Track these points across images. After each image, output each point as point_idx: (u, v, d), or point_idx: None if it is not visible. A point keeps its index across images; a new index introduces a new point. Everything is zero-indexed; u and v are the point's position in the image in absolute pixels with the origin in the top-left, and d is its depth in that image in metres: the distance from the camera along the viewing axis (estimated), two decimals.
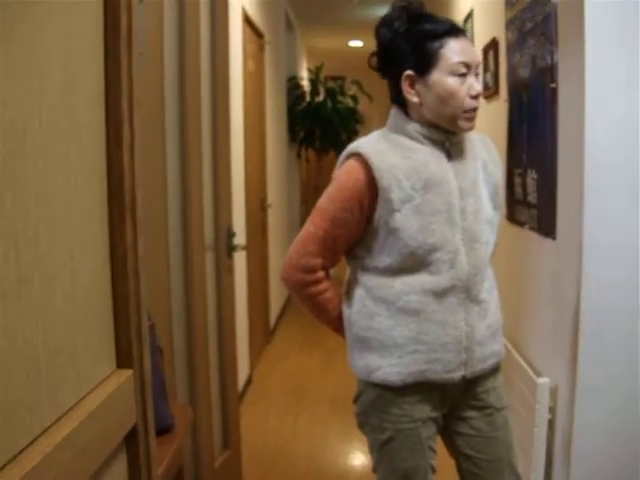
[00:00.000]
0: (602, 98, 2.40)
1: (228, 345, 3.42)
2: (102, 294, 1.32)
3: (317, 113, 9.05)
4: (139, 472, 1.41)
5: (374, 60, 2.09)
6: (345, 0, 7.94)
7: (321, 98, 9.33)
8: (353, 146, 2.05)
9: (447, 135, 2.05)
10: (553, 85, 2.74)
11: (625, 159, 2.42)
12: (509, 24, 3.45)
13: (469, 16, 4.71)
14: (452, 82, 1.96)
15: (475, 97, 2.00)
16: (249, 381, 5.18)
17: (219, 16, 3.24)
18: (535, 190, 3.02)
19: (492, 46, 3.88)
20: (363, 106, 9.79)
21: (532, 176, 3.05)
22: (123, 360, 1.38)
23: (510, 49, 3.45)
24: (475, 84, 2.00)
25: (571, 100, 2.56)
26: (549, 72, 2.78)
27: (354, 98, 9.57)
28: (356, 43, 10.68)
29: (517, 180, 3.31)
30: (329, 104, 9.22)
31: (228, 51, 3.42)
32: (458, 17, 5.20)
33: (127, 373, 1.37)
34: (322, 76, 9.53)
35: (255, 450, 4.01)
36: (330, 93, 9.37)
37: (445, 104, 1.99)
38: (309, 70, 10.14)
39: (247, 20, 5.26)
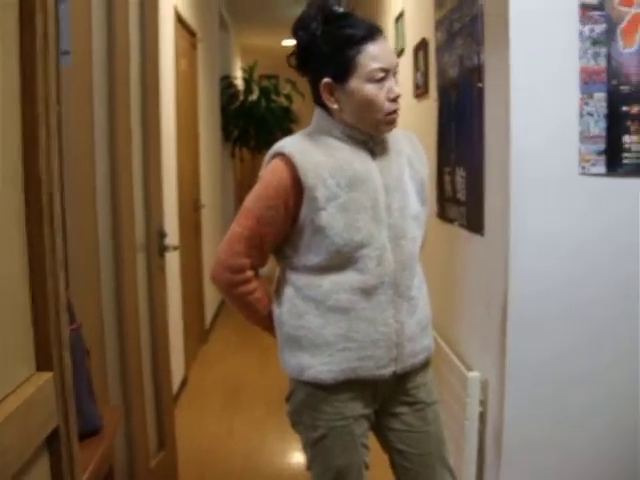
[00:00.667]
0: (526, 97, 2.46)
1: (161, 346, 3.40)
2: (20, 296, 1.30)
3: (251, 112, 9.04)
4: (62, 474, 1.40)
5: (293, 60, 2.09)
6: None
7: (255, 97, 9.32)
8: (278, 146, 2.06)
9: (370, 135, 2.07)
10: (480, 85, 2.79)
11: (550, 156, 2.47)
12: (438, 25, 3.49)
13: (400, 16, 4.75)
14: (370, 89, 1.98)
15: (394, 100, 2.01)
16: (185, 382, 5.15)
17: (149, 14, 3.22)
18: (464, 188, 3.06)
19: (422, 46, 3.92)
20: (297, 105, 9.81)
21: (461, 174, 3.10)
22: (43, 363, 1.37)
23: (439, 49, 3.50)
24: (394, 87, 2.01)
25: (497, 99, 2.60)
26: (476, 72, 2.83)
27: (288, 97, 9.57)
28: (290, 42, 10.62)
29: (447, 178, 3.35)
30: (263, 103, 9.22)
31: (158, 49, 3.40)
32: (389, 17, 5.24)
33: (47, 376, 1.36)
34: (256, 75, 9.52)
35: (191, 450, 3.99)
36: (264, 92, 9.37)
37: (365, 111, 2.00)
38: (243, 69, 10.11)
39: (179, 18, 5.23)
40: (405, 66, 4.43)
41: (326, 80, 2.01)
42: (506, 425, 2.60)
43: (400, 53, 4.69)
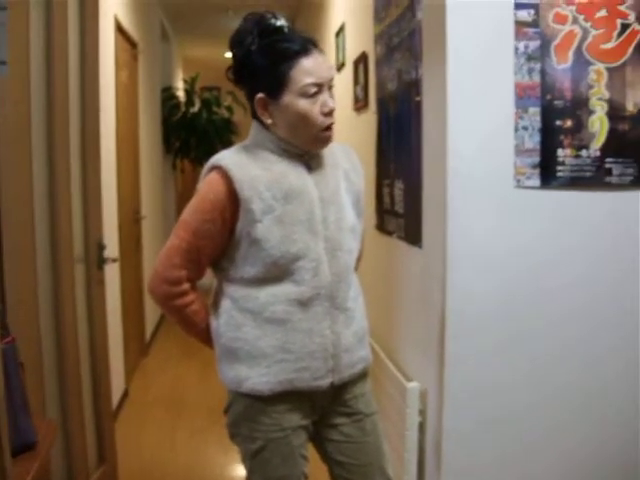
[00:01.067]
0: (463, 111, 2.50)
1: (100, 359, 3.36)
2: None
3: (192, 124, 9.00)
4: None
5: (230, 74, 2.09)
6: (220, 11, 7.94)
7: (196, 109, 9.29)
8: (214, 159, 2.06)
9: (306, 149, 2.09)
10: (418, 98, 2.83)
11: (486, 169, 2.52)
12: (378, 39, 3.54)
13: (340, 30, 4.79)
14: (303, 104, 1.98)
15: (329, 114, 2.03)
16: (126, 395, 5.09)
17: (89, 24, 3.20)
18: (402, 200, 3.09)
19: (362, 59, 3.96)
20: (238, 117, 9.78)
21: (399, 186, 3.13)
22: None
23: (379, 63, 3.54)
24: (328, 101, 2.02)
25: (434, 113, 2.64)
26: (414, 86, 2.87)
27: (229, 109, 9.55)
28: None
29: (386, 190, 3.38)
30: (204, 115, 9.18)
31: (98, 60, 3.37)
32: (331, 30, 5.28)
33: None
34: (198, 87, 9.48)
35: (132, 464, 3.94)
36: (205, 104, 9.33)
37: (299, 126, 2.02)
38: (185, 80, 10.06)
39: (120, 29, 5.19)
40: (345, 79, 4.47)
41: (260, 95, 2.02)
42: (445, 435, 2.63)
43: (341, 66, 4.73)
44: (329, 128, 2.04)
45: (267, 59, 1.98)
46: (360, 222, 2.22)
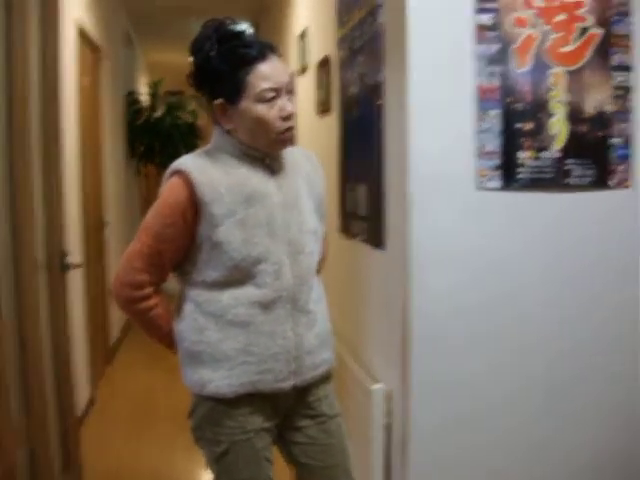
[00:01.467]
0: (425, 114, 2.52)
1: (64, 365, 3.34)
2: None
3: (156, 128, 8.95)
4: None
5: (191, 79, 2.10)
6: (184, 16, 7.91)
7: (160, 113, 9.25)
8: (176, 164, 2.08)
9: (267, 152, 2.10)
10: (380, 102, 2.84)
11: (447, 172, 2.54)
12: (340, 42, 3.54)
13: (303, 34, 4.80)
14: (260, 109, 2.01)
15: (287, 118, 2.04)
16: (91, 402, 5.05)
17: (50, 29, 3.18)
18: (365, 203, 3.11)
19: (325, 63, 3.96)
20: (202, 121, 9.76)
21: (362, 189, 3.14)
22: None
23: (341, 66, 3.55)
24: (286, 105, 2.04)
25: (396, 116, 2.66)
26: (376, 89, 2.88)
27: (193, 113, 9.53)
28: None
29: (349, 193, 3.39)
30: (168, 119, 9.14)
31: (59, 65, 3.35)
32: (294, 34, 5.28)
33: None
34: (161, 91, 9.44)
35: (98, 471, 3.91)
36: (169, 108, 9.30)
37: (258, 131, 2.04)
38: (148, 85, 10.02)
39: (82, 34, 5.16)
40: (308, 83, 4.48)
41: (219, 101, 2.05)
42: (411, 436, 2.64)
43: (304, 70, 4.73)
44: (288, 131, 2.06)
45: (225, 65, 2.00)
46: (322, 226, 2.24)
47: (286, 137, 2.07)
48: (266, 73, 2.00)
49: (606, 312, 2.68)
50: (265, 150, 2.08)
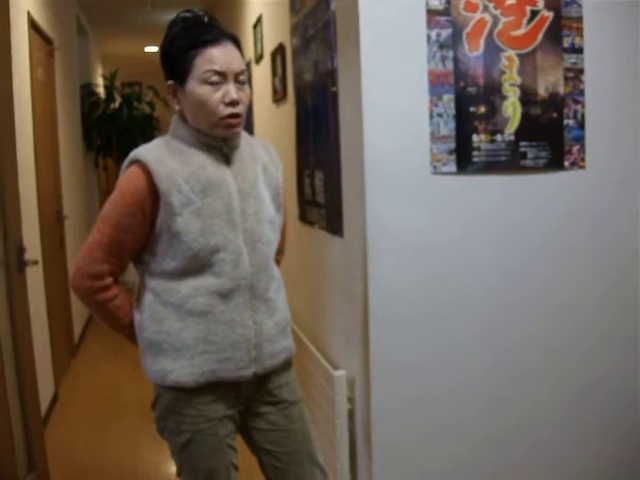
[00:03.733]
0: (378, 100, 2.53)
1: (26, 363, 3.30)
2: None
3: (113, 120, 8.88)
4: None
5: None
6: (139, 5, 7.83)
7: (117, 105, 9.17)
8: (133, 154, 2.08)
9: (224, 140, 2.10)
10: (334, 89, 2.85)
11: (402, 157, 2.56)
12: (294, 30, 3.54)
13: (258, 21, 4.78)
14: (203, 91, 2.01)
15: (231, 104, 2.04)
16: (55, 398, 5.01)
17: (0, 21, 3.13)
18: (323, 190, 3.11)
19: (279, 51, 3.96)
20: (160, 112, 9.70)
21: (319, 177, 3.15)
22: None
23: (296, 54, 3.54)
24: (231, 91, 2.03)
25: (350, 103, 2.67)
26: (330, 76, 2.89)
27: (151, 104, 9.46)
28: (152, 49, 10.54)
29: (306, 181, 3.40)
30: (125, 111, 9.07)
31: (10, 57, 3.31)
32: (249, 22, 5.27)
33: None
34: (118, 82, 9.36)
35: (65, 469, 3.88)
36: (126, 100, 9.22)
37: (199, 112, 2.04)
38: (104, 77, 9.92)
39: (34, 25, 5.08)
40: (264, 71, 4.47)
41: (170, 82, 2.08)
42: (374, 420, 2.67)
43: (259, 59, 4.72)
44: (232, 117, 2.05)
45: (179, 48, 2.03)
46: (279, 215, 2.25)
47: (229, 123, 2.05)
48: (214, 56, 2.01)
49: (561, 294, 2.72)
50: (209, 133, 2.08)
